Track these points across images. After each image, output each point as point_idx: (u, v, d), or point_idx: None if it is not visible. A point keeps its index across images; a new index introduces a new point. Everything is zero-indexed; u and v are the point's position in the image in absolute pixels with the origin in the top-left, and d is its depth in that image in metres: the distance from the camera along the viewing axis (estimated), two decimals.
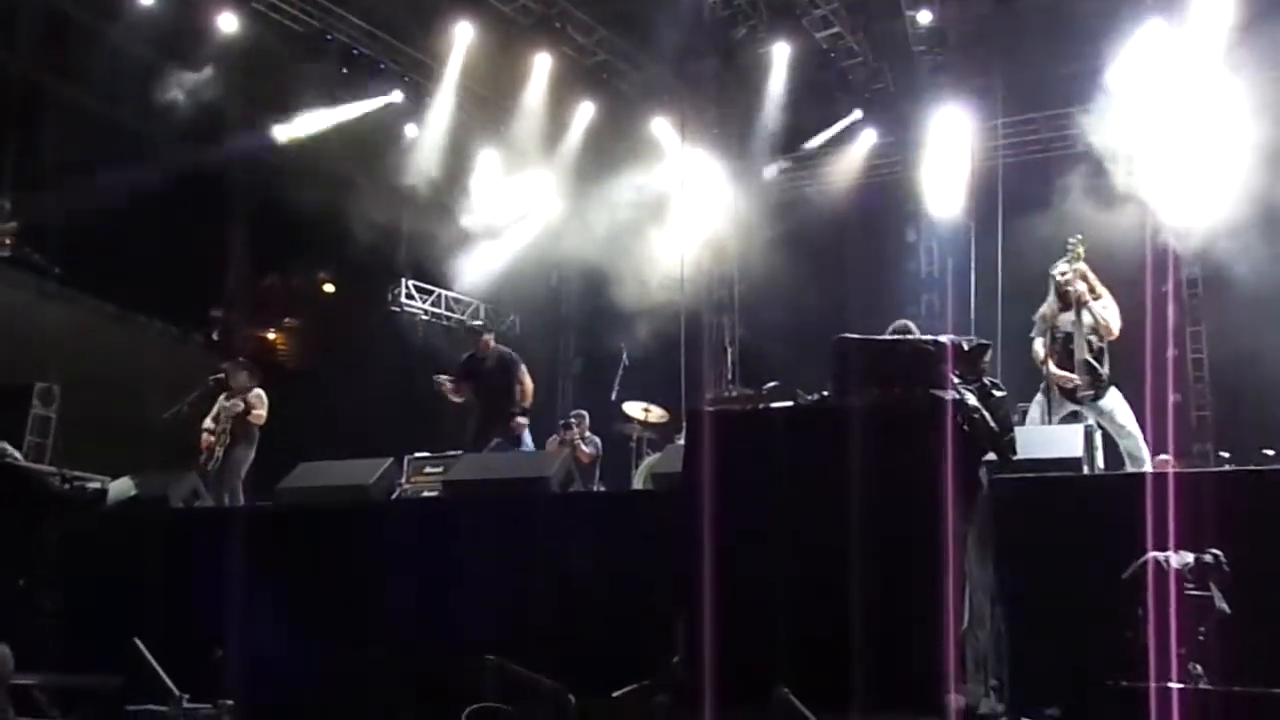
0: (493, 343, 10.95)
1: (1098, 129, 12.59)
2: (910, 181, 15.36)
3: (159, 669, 5.35)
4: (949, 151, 14.56)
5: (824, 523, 4.94)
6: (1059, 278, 8.65)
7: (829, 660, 4.65)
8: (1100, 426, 8.23)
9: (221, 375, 11.26)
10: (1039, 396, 8.68)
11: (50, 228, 12.72)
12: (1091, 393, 8.34)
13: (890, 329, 8.55)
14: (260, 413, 11.03)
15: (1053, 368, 8.51)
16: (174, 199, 13.08)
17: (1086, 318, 8.47)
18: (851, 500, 4.86)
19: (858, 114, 15.20)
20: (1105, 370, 8.42)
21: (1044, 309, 8.76)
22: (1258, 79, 12.30)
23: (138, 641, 5.53)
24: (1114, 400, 8.38)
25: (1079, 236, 8.82)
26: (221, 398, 11.12)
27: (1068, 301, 8.56)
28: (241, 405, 10.94)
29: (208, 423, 11.02)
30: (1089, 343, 8.46)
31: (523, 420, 10.78)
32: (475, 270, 16.21)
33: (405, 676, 6.49)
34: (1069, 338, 8.50)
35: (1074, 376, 8.39)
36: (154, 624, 6.55)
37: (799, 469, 5.15)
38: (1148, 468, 8.08)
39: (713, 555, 5.03)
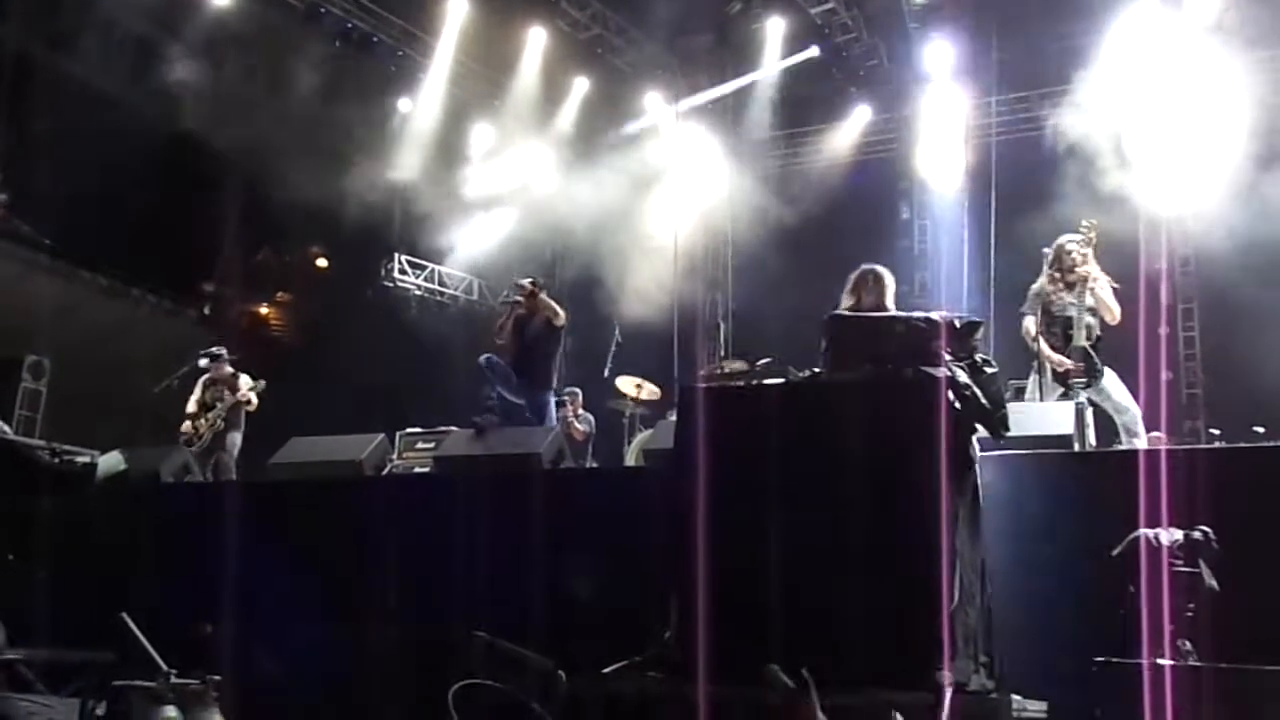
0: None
1: (1091, 106, 12.55)
2: (904, 158, 15.34)
3: (146, 644, 5.32)
4: (943, 128, 14.52)
5: (816, 500, 4.94)
6: (1074, 255, 8.27)
7: (821, 636, 4.65)
8: (1094, 404, 8.18)
9: (209, 357, 11.27)
10: (1032, 376, 8.52)
11: (41, 201, 12.65)
12: (1084, 380, 8.04)
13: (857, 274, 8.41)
14: (253, 399, 11.09)
15: (1046, 350, 8.17)
16: (166, 173, 13.02)
17: (1089, 300, 8.17)
18: (843, 477, 4.86)
19: (814, 50, 14.89)
20: (1099, 358, 8.17)
21: (1041, 285, 8.36)
22: (1250, 55, 12.29)
23: (125, 616, 5.51)
24: (1109, 379, 8.25)
25: (1093, 221, 8.50)
26: (204, 385, 11.12)
27: (1070, 280, 8.27)
28: (244, 395, 11.00)
29: (191, 406, 10.99)
30: (1088, 328, 8.17)
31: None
32: (469, 245, 16.17)
33: (394, 653, 6.49)
34: (1069, 321, 8.17)
35: (1068, 361, 8.09)
36: (143, 599, 6.54)
37: (791, 445, 5.15)
38: (1142, 443, 8.03)
39: (704, 532, 5.02)
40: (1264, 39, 12.58)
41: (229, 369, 11.21)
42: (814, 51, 14.68)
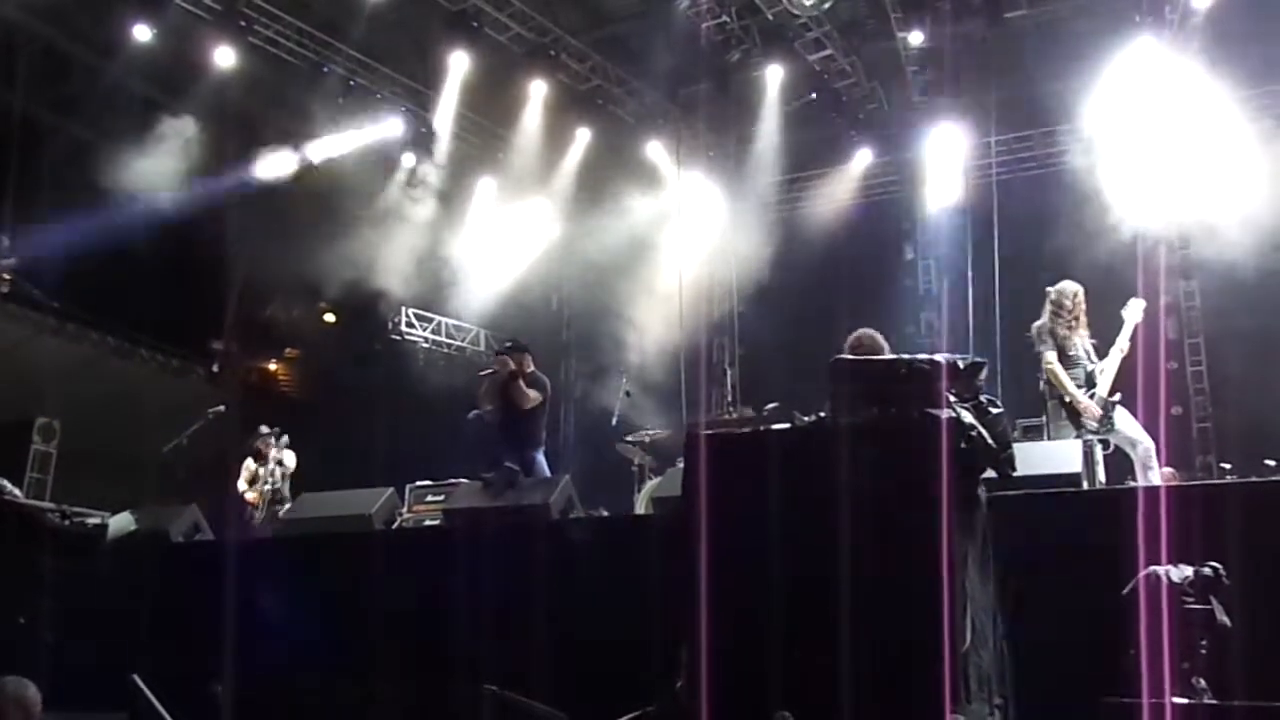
0: (530, 364, 10.04)
1: (1090, 144, 12.64)
2: (906, 200, 15.43)
3: (158, 705, 5.33)
4: (944, 170, 14.60)
5: (822, 544, 4.92)
6: (1079, 303, 8.37)
7: (829, 684, 4.62)
8: (1106, 441, 8.15)
9: (258, 447, 12.20)
10: (1051, 413, 8.49)
11: (49, 263, 12.75)
12: (1098, 428, 8.06)
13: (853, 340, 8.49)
14: (286, 460, 12.26)
15: (1073, 388, 8.18)
16: (173, 232, 13.12)
17: (1113, 363, 8.20)
18: (849, 521, 4.85)
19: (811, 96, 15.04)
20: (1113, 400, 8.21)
21: (1050, 324, 8.40)
22: (1251, 94, 12.37)
23: (136, 678, 5.52)
24: (1120, 414, 8.26)
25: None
26: (254, 467, 12.01)
27: (1079, 323, 8.36)
28: (286, 464, 12.08)
29: (242, 485, 11.95)
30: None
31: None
32: (475, 297, 16.24)
33: (405, 707, 6.47)
34: (1090, 373, 8.24)
35: (1094, 406, 8.11)
36: (154, 659, 6.54)
37: (797, 491, 5.14)
38: (1156, 477, 8.00)
39: (710, 579, 5.01)
40: (1265, 74, 12.66)
41: (274, 439, 12.23)
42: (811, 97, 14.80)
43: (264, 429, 12.36)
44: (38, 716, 5.16)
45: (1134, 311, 8.34)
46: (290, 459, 12.34)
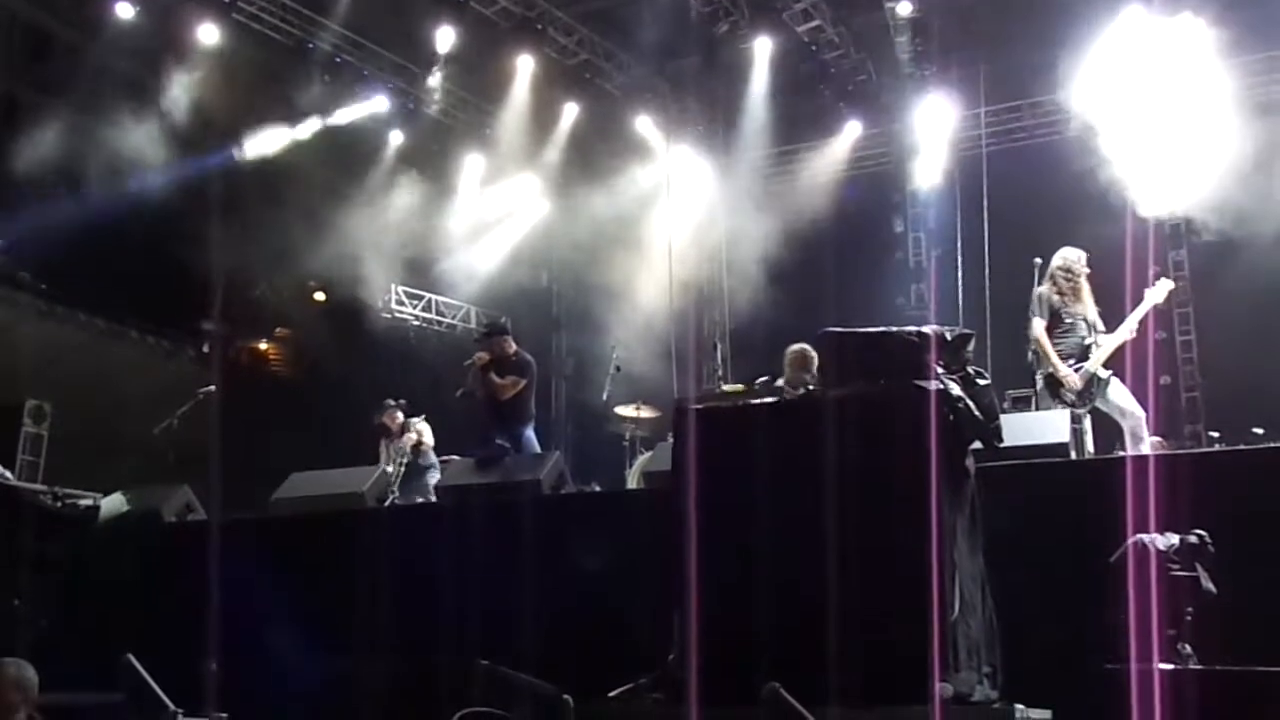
0: (510, 346, 10.32)
1: (1080, 114, 12.61)
2: (896, 172, 15.40)
3: (153, 684, 5.35)
4: (934, 141, 14.58)
5: (810, 516, 4.95)
6: (1082, 271, 8.37)
7: (818, 653, 4.66)
8: (1097, 410, 8.17)
9: (380, 423, 11.73)
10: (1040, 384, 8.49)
11: (36, 244, 12.69)
12: (1077, 401, 8.06)
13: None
14: (429, 440, 11.53)
15: (1056, 359, 8.17)
16: (160, 212, 13.06)
17: (1116, 340, 8.19)
18: (838, 493, 4.88)
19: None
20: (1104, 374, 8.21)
21: (1048, 292, 8.37)
22: (1240, 59, 12.34)
23: (131, 658, 5.54)
24: (1112, 384, 8.26)
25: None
26: (384, 444, 11.56)
27: (1079, 293, 8.34)
28: (414, 437, 11.44)
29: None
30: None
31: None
32: (464, 274, 16.21)
33: (398, 682, 6.50)
34: (1086, 347, 8.23)
35: (1075, 378, 8.11)
36: (149, 639, 6.55)
37: (785, 463, 5.17)
38: (1147, 448, 8.02)
39: (703, 551, 5.04)
40: (1254, 41, 12.63)
41: (399, 413, 11.70)
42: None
43: (389, 402, 11.89)
44: (36, 698, 5.22)
45: (1158, 292, 8.29)
46: (427, 433, 11.74)
